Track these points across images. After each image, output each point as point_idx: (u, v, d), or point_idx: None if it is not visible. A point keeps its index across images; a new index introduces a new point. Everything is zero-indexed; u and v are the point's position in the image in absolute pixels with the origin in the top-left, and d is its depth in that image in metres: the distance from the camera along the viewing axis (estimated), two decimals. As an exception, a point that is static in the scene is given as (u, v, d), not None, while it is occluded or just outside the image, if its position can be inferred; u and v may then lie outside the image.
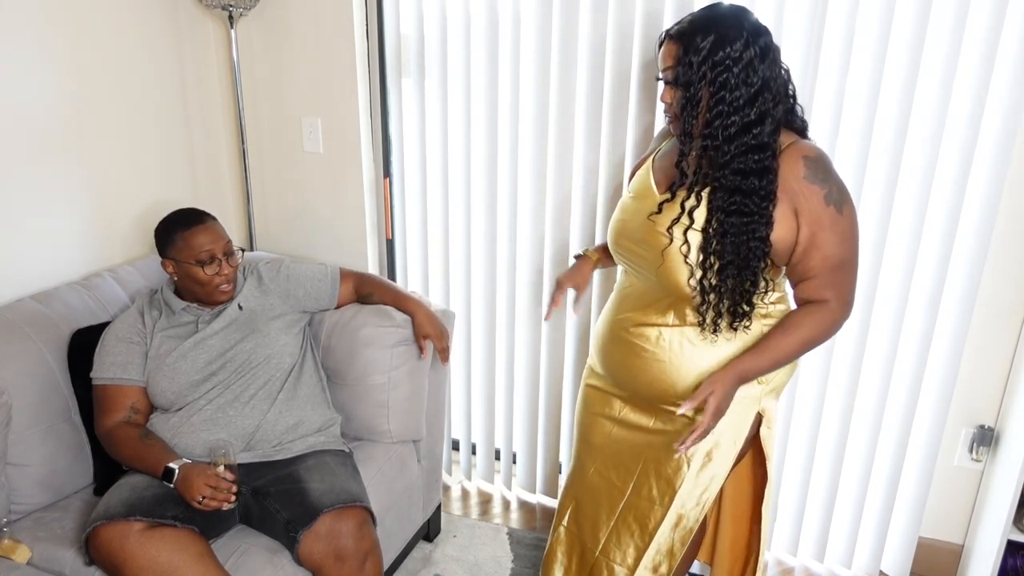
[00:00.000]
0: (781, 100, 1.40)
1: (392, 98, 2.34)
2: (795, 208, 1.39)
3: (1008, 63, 1.73)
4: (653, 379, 1.57)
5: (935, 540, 2.16)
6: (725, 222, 1.40)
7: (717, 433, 1.54)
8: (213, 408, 1.77)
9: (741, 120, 1.36)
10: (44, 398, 1.76)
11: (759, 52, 1.35)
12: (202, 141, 2.44)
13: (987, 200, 1.82)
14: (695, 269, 1.44)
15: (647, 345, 1.56)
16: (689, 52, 1.35)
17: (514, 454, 2.57)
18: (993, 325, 1.93)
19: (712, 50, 1.34)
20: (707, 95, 1.37)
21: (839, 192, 1.39)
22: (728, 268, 1.41)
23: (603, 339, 1.69)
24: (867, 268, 1.94)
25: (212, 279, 1.81)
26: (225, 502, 1.59)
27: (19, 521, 1.72)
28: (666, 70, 1.41)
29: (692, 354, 1.52)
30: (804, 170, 1.38)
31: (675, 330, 1.53)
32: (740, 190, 1.38)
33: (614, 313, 1.66)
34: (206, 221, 1.84)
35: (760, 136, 1.37)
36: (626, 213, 1.58)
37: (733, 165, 1.38)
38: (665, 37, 1.42)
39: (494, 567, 2.24)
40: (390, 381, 2.00)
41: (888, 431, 2.06)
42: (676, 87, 1.39)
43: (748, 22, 1.37)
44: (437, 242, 2.43)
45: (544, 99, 2.12)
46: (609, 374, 1.70)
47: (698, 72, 1.35)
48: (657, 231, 1.48)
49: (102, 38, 2.06)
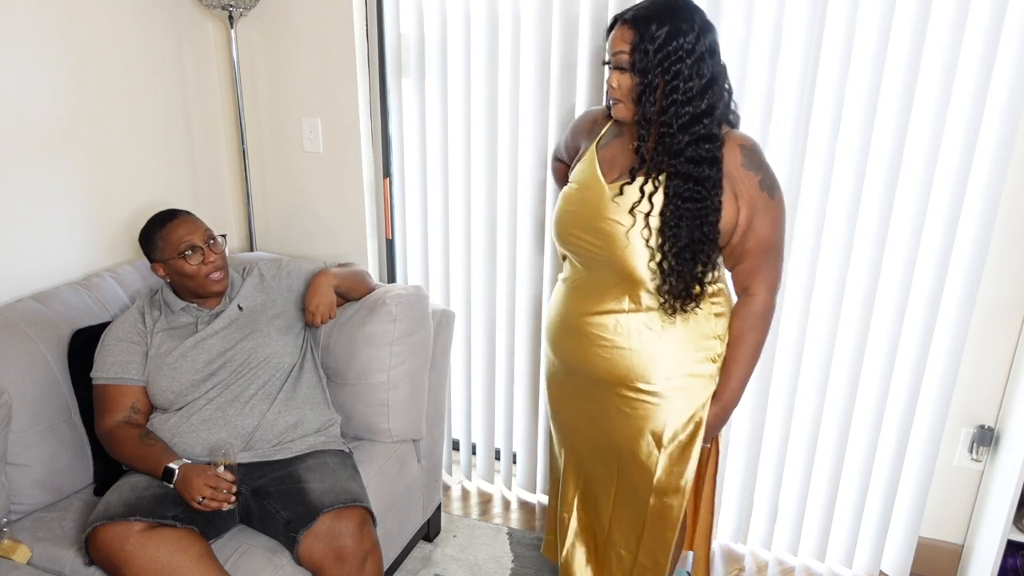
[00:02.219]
0: (725, 94, 1.48)
1: (392, 98, 2.34)
2: (735, 192, 1.48)
3: (1008, 63, 1.73)
4: (613, 366, 1.59)
5: (935, 540, 2.16)
6: (681, 207, 1.46)
7: (695, 419, 1.60)
8: (213, 408, 1.77)
9: (693, 110, 1.43)
10: (44, 398, 1.76)
11: (708, 47, 1.42)
12: (202, 141, 2.44)
13: (987, 200, 1.82)
14: (655, 252, 1.49)
15: (605, 333, 1.59)
16: (645, 40, 1.40)
17: (514, 454, 2.57)
18: (993, 325, 1.93)
19: (667, 40, 1.40)
20: (662, 83, 1.42)
21: (771, 179, 1.49)
22: (685, 251, 1.47)
23: (558, 333, 1.71)
24: (867, 268, 1.94)
25: (199, 269, 1.81)
26: (225, 503, 1.59)
27: (19, 521, 1.72)
28: (619, 54, 1.45)
29: (650, 338, 1.56)
30: (741, 157, 1.47)
31: (631, 316, 1.56)
32: (694, 177, 1.45)
33: (565, 306, 1.68)
34: (180, 215, 1.85)
35: (710, 127, 1.44)
36: (572, 203, 1.61)
37: (687, 153, 1.44)
38: (618, 22, 1.46)
39: (494, 567, 2.24)
40: (390, 380, 2.00)
41: (888, 431, 2.06)
42: (632, 72, 1.44)
43: (699, 17, 1.43)
44: (437, 242, 2.43)
45: (544, 99, 2.12)
46: (567, 366, 1.71)
47: (654, 59, 1.41)
48: (611, 218, 1.51)
49: (102, 38, 2.06)
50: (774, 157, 1.94)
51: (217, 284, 1.85)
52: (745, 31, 1.88)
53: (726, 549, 2.33)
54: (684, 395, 1.58)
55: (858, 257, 1.95)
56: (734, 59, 1.90)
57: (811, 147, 1.91)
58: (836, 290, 1.99)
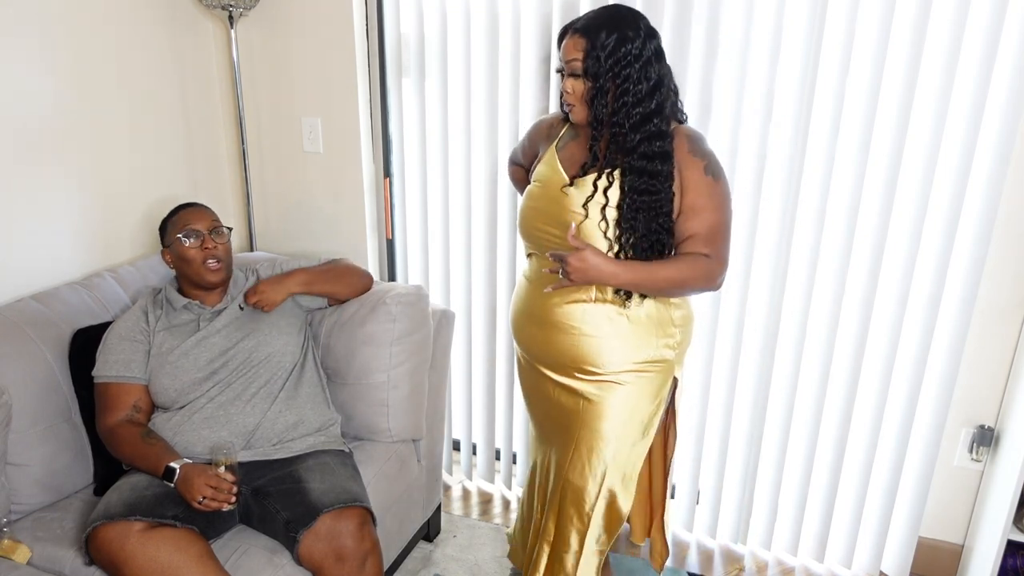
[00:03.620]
0: (672, 94, 1.60)
1: (392, 98, 2.34)
2: (682, 178, 1.57)
3: (1008, 63, 1.73)
4: (578, 353, 1.67)
5: (935, 540, 2.16)
6: (637, 200, 1.55)
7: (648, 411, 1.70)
8: (214, 406, 1.77)
9: (644, 110, 1.53)
10: (44, 398, 1.76)
11: (654, 52, 1.54)
12: (202, 141, 2.44)
13: (987, 200, 1.82)
14: (613, 244, 1.58)
15: (573, 322, 1.67)
16: (596, 47, 1.51)
17: (514, 454, 2.57)
18: (993, 325, 1.93)
19: (616, 46, 1.51)
20: (613, 87, 1.52)
21: (716, 165, 1.59)
22: (642, 241, 1.57)
23: (524, 322, 1.78)
24: (867, 268, 1.94)
25: (197, 254, 1.82)
26: (226, 503, 1.59)
27: (19, 521, 1.72)
28: (572, 62, 1.54)
29: (612, 329, 1.65)
30: (688, 145, 1.57)
31: (597, 305, 1.65)
32: (648, 172, 1.55)
33: (533, 300, 1.74)
34: (196, 205, 1.92)
35: (659, 125, 1.55)
36: (535, 200, 1.70)
37: (640, 150, 1.54)
38: (569, 32, 1.56)
39: (494, 567, 2.24)
40: (390, 380, 2.00)
41: (888, 431, 2.06)
42: (585, 78, 1.54)
43: (644, 24, 1.54)
44: (437, 242, 2.43)
45: (544, 99, 2.12)
46: (533, 355, 1.79)
47: (604, 65, 1.51)
48: (572, 210, 1.60)
49: (102, 38, 2.06)
50: (774, 157, 1.95)
51: (214, 274, 1.85)
52: (745, 31, 1.88)
53: (726, 549, 2.33)
54: (643, 380, 1.68)
55: (858, 257, 1.95)
56: (734, 59, 1.91)
57: (811, 147, 1.91)
58: (836, 290, 1.99)
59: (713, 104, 1.96)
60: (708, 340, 2.15)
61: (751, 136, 1.95)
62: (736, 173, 1.97)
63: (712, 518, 2.32)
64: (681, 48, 1.93)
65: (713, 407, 2.22)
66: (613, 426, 1.69)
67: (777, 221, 1.99)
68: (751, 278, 2.06)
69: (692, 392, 2.21)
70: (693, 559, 2.29)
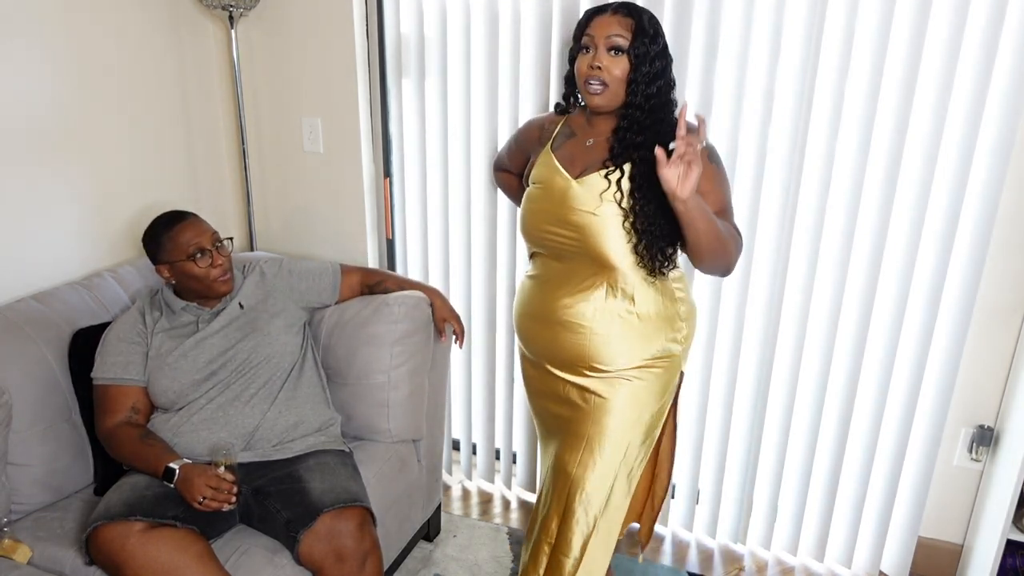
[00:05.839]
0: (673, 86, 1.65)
1: (392, 98, 2.34)
2: None
3: (1008, 63, 1.73)
4: (588, 352, 1.68)
5: (935, 540, 2.16)
6: (651, 190, 1.55)
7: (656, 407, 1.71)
8: (213, 407, 1.77)
9: (661, 100, 1.59)
10: (44, 398, 1.76)
11: (665, 45, 1.59)
12: (202, 141, 2.44)
13: (986, 200, 1.82)
14: (630, 235, 1.60)
15: (584, 321, 1.67)
16: (644, 30, 1.54)
17: (514, 454, 2.57)
18: (993, 325, 1.93)
19: (655, 35, 1.56)
20: (649, 73, 1.56)
21: (715, 153, 1.63)
22: (657, 229, 1.58)
23: (530, 323, 1.78)
24: (867, 267, 1.94)
25: (208, 272, 1.81)
26: (226, 503, 1.59)
27: (19, 521, 1.72)
28: (615, 37, 1.54)
29: (622, 327, 1.66)
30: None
31: (608, 303, 1.65)
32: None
33: (538, 298, 1.74)
34: (188, 218, 1.84)
35: (671, 113, 1.60)
36: (538, 202, 1.69)
37: (657, 140, 1.52)
38: (608, 10, 1.57)
39: (494, 567, 2.24)
40: (390, 380, 2.00)
41: (888, 431, 2.06)
42: (631, 57, 1.55)
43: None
44: (437, 242, 2.43)
45: (544, 98, 2.12)
46: (540, 354, 1.78)
47: (651, 50, 1.55)
48: (582, 209, 1.60)
49: (102, 38, 2.06)
50: (774, 157, 1.95)
51: (224, 285, 1.85)
52: (745, 31, 1.88)
53: (725, 549, 2.33)
54: (652, 376, 1.68)
55: (858, 256, 1.95)
56: (734, 59, 1.91)
57: (811, 147, 1.91)
58: (836, 289, 1.99)
59: (713, 104, 1.96)
60: (708, 340, 2.15)
61: (751, 135, 1.95)
62: (736, 173, 1.97)
63: (712, 518, 2.33)
64: (681, 48, 1.93)
65: (713, 407, 2.22)
66: (622, 422, 1.68)
67: (776, 222, 1.99)
68: (751, 278, 2.06)
69: (692, 391, 2.21)
70: (693, 559, 2.29)
